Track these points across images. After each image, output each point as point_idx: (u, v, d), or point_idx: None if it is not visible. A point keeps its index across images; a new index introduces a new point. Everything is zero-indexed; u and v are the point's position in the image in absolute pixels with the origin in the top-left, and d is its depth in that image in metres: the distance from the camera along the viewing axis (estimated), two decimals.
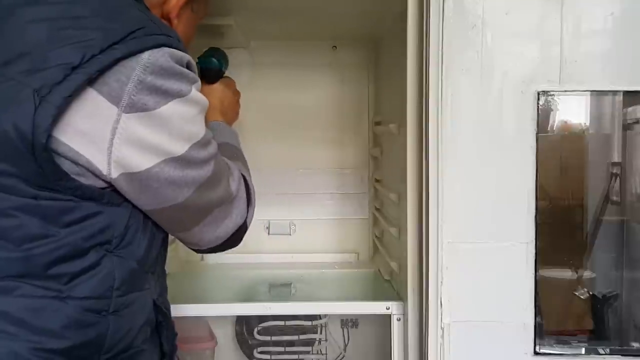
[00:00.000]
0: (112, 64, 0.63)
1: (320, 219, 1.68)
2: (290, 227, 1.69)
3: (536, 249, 1.00)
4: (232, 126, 1.07)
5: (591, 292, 1.15)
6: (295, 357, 1.55)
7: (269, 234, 1.69)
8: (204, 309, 1.25)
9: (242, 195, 0.83)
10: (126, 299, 0.72)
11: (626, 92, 1.01)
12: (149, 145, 0.66)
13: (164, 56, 0.66)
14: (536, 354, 1.01)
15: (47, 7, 0.67)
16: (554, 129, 1.08)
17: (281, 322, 1.50)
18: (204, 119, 0.75)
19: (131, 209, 0.72)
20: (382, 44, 1.56)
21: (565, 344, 1.05)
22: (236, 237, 0.84)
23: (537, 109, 0.99)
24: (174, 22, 0.83)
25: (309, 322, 1.51)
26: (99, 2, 0.69)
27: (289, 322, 1.50)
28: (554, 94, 1.00)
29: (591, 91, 1.02)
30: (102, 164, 0.65)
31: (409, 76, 1.04)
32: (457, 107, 0.99)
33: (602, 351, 1.04)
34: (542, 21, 0.98)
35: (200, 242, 0.82)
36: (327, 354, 1.61)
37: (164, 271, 0.86)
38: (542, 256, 1.00)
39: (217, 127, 0.99)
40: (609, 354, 1.03)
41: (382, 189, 1.51)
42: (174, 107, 0.67)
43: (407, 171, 1.06)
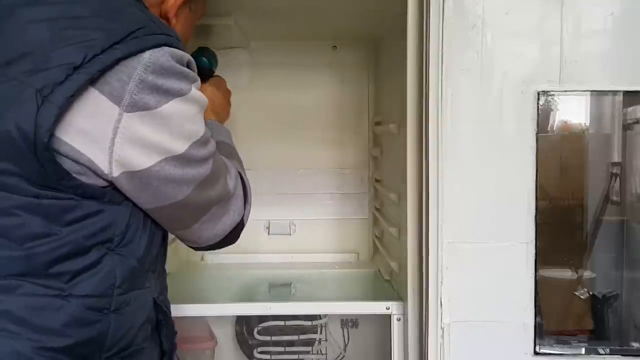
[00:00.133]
0: (113, 63, 0.63)
1: (320, 219, 1.68)
2: (290, 227, 1.69)
3: (536, 249, 1.00)
4: (224, 124, 1.07)
5: (591, 292, 1.15)
6: (295, 357, 1.55)
7: (269, 234, 1.69)
8: (204, 309, 1.25)
9: (240, 192, 0.84)
10: (127, 297, 0.73)
11: (626, 92, 1.01)
12: (150, 144, 0.67)
13: (165, 55, 0.66)
14: (536, 354, 1.01)
15: (47, 7, 0.67)
16: (554, 129, 1.08)
17: (281, 322, 1.50)
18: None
19: (132, 207, 0.72)
20: (382, 44, 1.56)
21: (565, 344, 1.05)
22: (234, 235, 0.84)
23: (537, 109, 0.99)
24: (172, 21, 0.83)
25: (309, 322, 1.51)
26: (99, 2, 0.69)
27: (289, 322, 1.50)
28: (554, 94, 1.00)
29: (591, 91, 1.02)
30: (103, 163, 0.65)
31: (409, 76, 1.04)
32: (457, 107, 0.99)
33: (602, 351, 1.04)
34: (542, 21, 0.98)
35: (199, 240, 0.82)
36: (327, 354, 1.61)
37: (164, 270, 0.86)
38: (542, 256, 1.00)
39: (211, 125, 0.99)
40: (609, 354, 1.03)
41: (382, 189, 1.51)
42: (175, 105, 0.67)
43: (407, 171, 1.06)
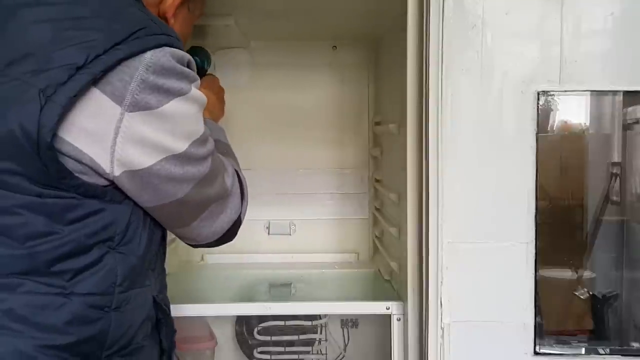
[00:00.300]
0: (115, 64, 0.63)
1: (320, 219, 1.68)
2: (290, 227, 1.69)
3: (536, 249, 1.00)
4: (219, 122, 1.07)
5: (591, 292, 1.15)
6: (295, 357, 1.55)
7: (269, 234, 1.69)
8: (204, 309, 1.25)
9: (237, 190, 0.85)
10: (128, 295, 0.73)
11: (626, 92, 1.01)
12: (151, 143, 0.67)
13: (166, 56, 0.67)
14: (536, 354, 1.01)
15: (49, 7, 0.67)
16: (554, 129, 1.08)
17: (281, 322, 1.50)
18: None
19: (132, 206, 0.73)
20: (382, 44, 1.56)
21: (565, 344, 1.05)
22: (231, 232, 0.85)
23: (537, 109, 0.99)
24: (170, 21, 0.83)
25: (309, 322, 1.51)
26: (100, 2, 0.69)
27: (289, 322, 1.50)
28: (554, 94, 1.00)
29: (591, 91, 1.02)
30: (105, 162, 0.66)
31: (409, 76, 1.04)
32: (457, 107, 0.99)
33: (602, 351, 1.04)
34: (542, 21, 0.98)
35: (197, 238, 0.83)
36: (327, 354, 1.61)
37: (164, 269, 0.87)
38: (542, 256, 1.00)
39: (206, 124, 0.99)
40: (609, 354, 1.03)
41: (382, 189, 1.50)
42: (176, 105, 0.68)
43: (407, 171, 1.06)
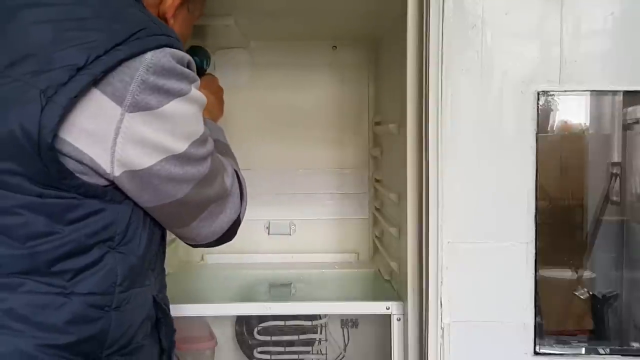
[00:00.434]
0: (115, 64, 0.63)
1: (320, 219, 1.68)
2: (290, 227, 1.69)
3: (536, 249, 1.00)
4: (218, 122, 1.07)
5: (591, 292, 1.15)
6: (295, 357, 1.55)
7: (269, 234, 1.69)
8: (204, 309, 1.25)
9: (236, 190, 0.85)
10: (128, 294, 0.73)
11: (626, 92, 1.01)
12: (151, 143, 0.67)
13: (166, 56, 0.67)
14: (536, 354, 1.01)
15: (49, 8, 0.68)
16: (554, 129, 1.08)
17: (281, 322, 1.50)
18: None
19: (132, 206, 0.73)
20: (382, 44, 1.56)
21: (565, 344, 1.05)
22: (231, 232, 0.85)
23: (537, 109, 0.99)
24: (170, 22, 0.83)
25: (309, 322, 1.51)
26: (100, 3, 0.70)
27: (289, 322, 1.50)
28: (553, 94, 1.00)
29: (591, 91, 1.02)
30: (105, 163, 0.66)
31: (409, 76, 1.04)
32: (457, 107, 0.99)
33: (602, 351, 1.04)
34: (542, 21, 0.98)
35: (197, 238, 0.83)
36: (327, 354, 1.61)
37: (164, 268, 0.87)
38: (542, 256, 1.00)
39: (205, 123, 0.99)
40: (609, 354, 1.03)
41: (382, 189, 1.50)
42: (176, 105, 0.68)
43: (407, 171, 1.06)
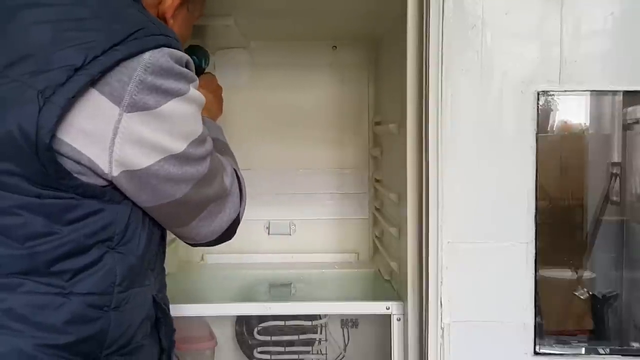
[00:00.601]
0: (113, 65, 0.64)
1: (320, 219, 1.68)
2: (290, 227, 1.69)
3: (536, 249, 1.00)
4: (217, 120, 1.07)
5: (591, 292, 1.15)
6: (295, 357, 1.55)
7: (269, 234, 1.69)
8: (204, 309, 1.25)
9: (236, 190, 0.85)
10: (127, 294, 0.73)
11: (626, 92, 1.01)
12: (149, 143, 0.67)
13: (164, 56, 0.67)
14: (536, 354, 1.01)
15: (48, 9, 0.68)
16: (554, 129, 1.08)
17: (281, 322, 1.50)
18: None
19: (131, 206, 0.73)
20: (382, 44, 1.56)
21: (565, 344, 1.05)
22: (230, 231, 0.85)
23: (537, 109, 0.99)
24: (169, 22, 0.83)
25: (309, 322, 1.51)
26: (99, 3, 0.70)
27: (289, 322, 1.50)
28: (553, 94, 1.00)
29: (591, 91, 1.02)
30: (103, 163, 0.66)
31: (409, 76, 1.04)
32: (457, 107, 0.99)
33: (602, 351, 1.04)
34: (542, 21, 0.98)
35: (196, 237, 0.83)
36: (327, 354, 1.61)
37: (164, 268, 0.87)
38: (542, 256, 1.00)
39: (204, 122, 0.99)
40: (609, 354, 1.03)
41: (382, 189, 1.50)
42: (174, 105, 0.68)
43: (407, 171, 1.06)
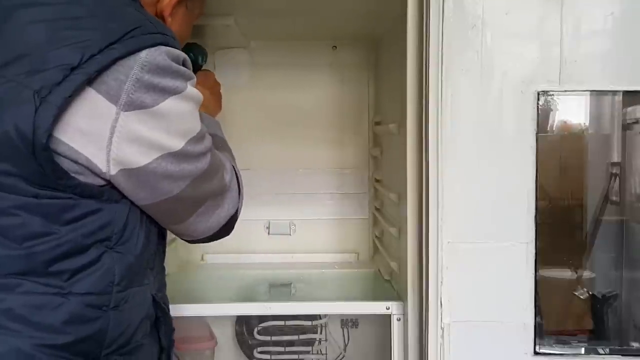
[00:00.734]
0: (110, 63, 0.63)
1: (320, 219, 1.68)
2: (290, 227, 1.69)
3: (536, 249, 1.00)
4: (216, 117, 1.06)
5: (591, 292, 1.15)
6: (295, 357, 1.54)
7: (269, 234, 1.69)
8: (204, 309, 1.25)
9: (234, 186, 0.85)
10: (126, 294, 0.73)
11: (626, 92, 1.01)
12: (147, 141, 0.67)
13: (161, 55, 0.67)
14: (536, 353, 1.01)
15: (44, 8, 0.67)
16: (554, 129, 1.08)
17: (281, 322, 1.50)
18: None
19: (130, 205, 0.73)
20: (382, 44, 1.56)
21: (565, 344, 1.05)
22: (228, 227, 0.85)
23: (537, 109, 0.99)
24: (167, 20, 0.83)
25: (309, 322, 1.51)
26: (95, 2, 0.69)
27: (289, 322, 1.50)
28: (553, 94, 1.00)
29: (591, 91, 1.02)
30: (101, 162, 0.66)
31: (409, 76, 1.04)
32: (457, 107, 0.99)
33: (602, 351, 1.04)
34: (542, 21, 0.98)
35: (193, 233, 0.83)
36: (327, 354, 1.61)
37: (163, 267, 0.87)
38: (542, 256, 1.00)
39: (201, 117, 0.99)
40: (608, 354, 1.03)
41: (382, 189, 1.50)
42: (171, 103, 0.68)
43: (407, 171, 1.06)
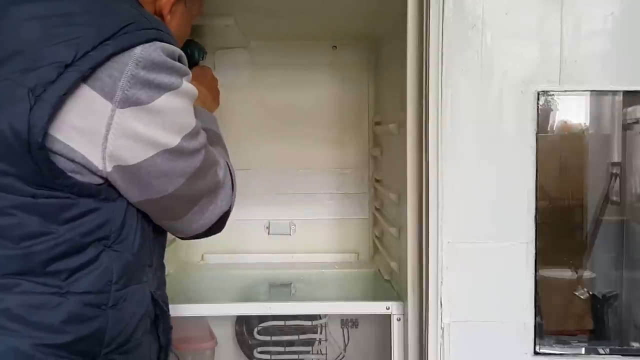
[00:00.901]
0: (104, 60, 0.63)
1: (320, 219, 1.68)
2: (290, 227, 1.69)
3: (536, 249, 1.00)
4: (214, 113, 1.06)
5: (591, 292, 1.15)
6: (295, 357, 1.54)
7: (269, 234, 1.69)
8: (204, 309, 1.25)
9: (228, 182, 0.84)
10: (124, 292, 0.73)
11: (626, 92, 1.01)
12: (143, 138, 0.67)
13: (156, 50, 0.66)
14: (536, 354, 1.01)
15: (38, 4, 0.67)
16: (554, 129, 1.08)
17: (281, 322, 1.50)
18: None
19: (127, 203, 0.73)
20: (382, 44, 1.56)
21: (565, 344, 1.05)
22: (221, 223, 0.85)
23: (537, 109, 0.99)
24: (166, 18, 0.83)
25: (309, 322, 1.51)
26: None
27: (289, 322, 1.50)
28: (553, 94, 1.00)
29: (591, 91, 1.02)
30: (97, 160, 0.65)
31: (409, 76, 1.04)
32: (457, 107, 0.99)
33: (602, 351, 1.04)
34: (542, 21, 0.98)
35: (187, 231, 0.83)
36: (327, 354, 1.61)
37: (162, 265, 0.86)
38: (542, 256, 1.00)
39: (197, 112, 0.98)
40: (608, 354, 1.03)
41: (382, 189, 1.50)
42: (167, 100, 0.68)
43: (407, 171, 1.06)
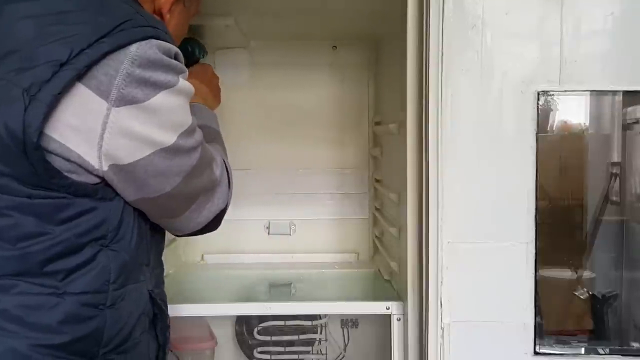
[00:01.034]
0: (100, 58, 0.63)
1: (320, 219, 1.68)
2: (290, 227, 1.69)
3: (536, 249, 1.00)
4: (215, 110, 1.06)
5: (591, 292, 1.15)
6: (295, 357, 1.54)
7: (269, 234, 1.69)
8: (204, 309, 1.25)
9: (225, 180, 0.84)
10: (122, 291, 0.73)
11: (626, 92, 1.01)
12: (139, 137, 0.66)
13: (152, 48, 0.66)
14: (536, 353, 1.01)
15: (33, 3, 0.67)
16: (554, 129, 1.08)
17: (281, 322, 1.50)
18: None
19: (123, 202, 0.72)
20: (382, 44, 1.56)
21: (565, 344, 1.05)
22: (216, 221, 0.85)
23: (537, 109, 0.99)
24: (166, 17, 0.83)
25: (309, 322, 1.51)
26: None
27: (289, 322, 1.50)
28: (553, 94, 1.00)
29: (591, 91, 1.02)
30: (93, 159, 0.65)
31: (409, 76, 1.04)
32: (457, 107, 0.99)
33: (601, 351, 1.04)
34: (542, 21, 0.98)
35: (184, 228, 0.83)
36: (327, 354, 1.61)
37: (160, 263, 0.86)
38: (542, 256, 1.00)
39: (196, 108, 0.95)
40: (608, 354, 1.03)
41: (382, 189, 1.50)
42: (163, 98, 0.67)
43: (407, 171, 1.06)
